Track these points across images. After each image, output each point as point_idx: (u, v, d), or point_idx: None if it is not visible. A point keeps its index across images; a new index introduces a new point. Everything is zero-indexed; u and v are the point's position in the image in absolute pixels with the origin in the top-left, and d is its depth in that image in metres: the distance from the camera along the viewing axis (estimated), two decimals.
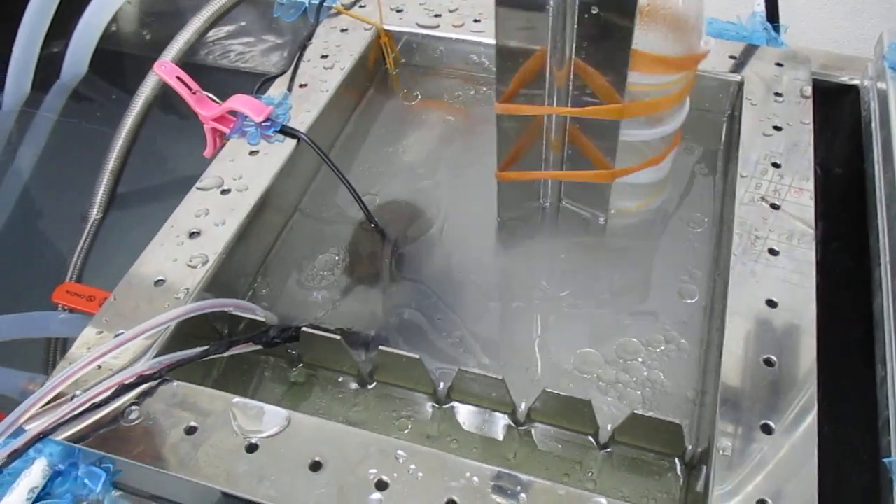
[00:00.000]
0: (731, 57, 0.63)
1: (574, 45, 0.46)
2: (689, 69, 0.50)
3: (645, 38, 0.47)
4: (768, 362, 0.42)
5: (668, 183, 0.59)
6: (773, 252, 0.48)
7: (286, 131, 0.57)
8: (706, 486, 0.38)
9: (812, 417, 0.40)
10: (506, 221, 0.58)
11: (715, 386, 0.42)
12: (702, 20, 0.49)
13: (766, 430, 0.39)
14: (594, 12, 0.44)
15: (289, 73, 0.62)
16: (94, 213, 0.65)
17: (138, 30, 0.84)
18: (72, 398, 0.40)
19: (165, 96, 0.67)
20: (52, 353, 0.56)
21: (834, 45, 0.93)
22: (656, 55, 0.47)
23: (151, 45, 0.80)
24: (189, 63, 0.69)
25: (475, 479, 0.38)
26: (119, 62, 0.83)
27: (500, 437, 0.45)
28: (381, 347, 0.45)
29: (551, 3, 0.45)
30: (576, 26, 0.45)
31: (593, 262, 0.55)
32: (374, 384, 0.48)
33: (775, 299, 0.45)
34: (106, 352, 0.41)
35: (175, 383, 0.42)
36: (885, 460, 0.39)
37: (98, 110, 0.79)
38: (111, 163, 0.65)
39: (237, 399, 0.41)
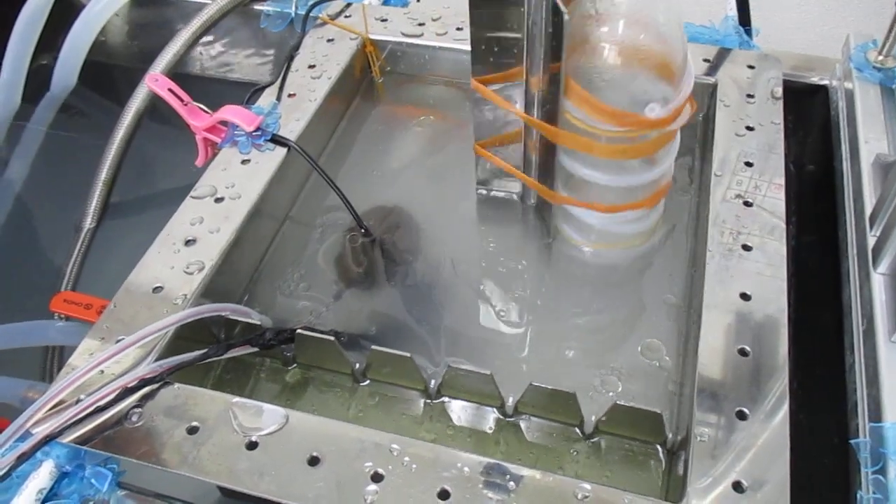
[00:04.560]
0: (706, 60, 0.65)
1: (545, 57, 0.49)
2: (624, 126, 0.47)
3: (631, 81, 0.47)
4: (742, 352, 0.44)
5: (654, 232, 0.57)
6: (746, 247, 0.50)
7: (276, 140, 0.58)
8: (685, 471, 0.40)
9: (785, 403, 0.42)
10: (485, 205, 0.60)
11: (693, 376, 0.44)
12: (685, 69, 0.47)
13: (741, 416, 0.41)
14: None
15: (277, 84, 0.64)
16: (88, 222, 0.66)
17: (127, 41, 0.85)
18: (76, 402, 0.42)
19: (156, 107, 0.69)
20: (49, 361, 0.57)
21: (808, 45, 0.96)
22: (597, 103, 0.46)
23: (140, 56, 0.81)
24: (178, 73, 0.70)
25: (466, 469, 0.40)
26: (108, 73, 0.84)
27: (490, 430, 0.47)
28: (373, 347, 0.47)
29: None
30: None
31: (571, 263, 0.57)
32: (368, 382, 0.49)
33: (749, 292, 0.47)
34: (108, 357, 0.42)
35: (176, 385, 0.44)
36: (853, 442, 0.42)
37: (88, 121, 0.80)
38: (104, 173, 0.67)
39: (237, 399, 0.43)
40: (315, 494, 0.39)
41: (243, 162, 0.57)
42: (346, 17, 0.72)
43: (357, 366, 0.49)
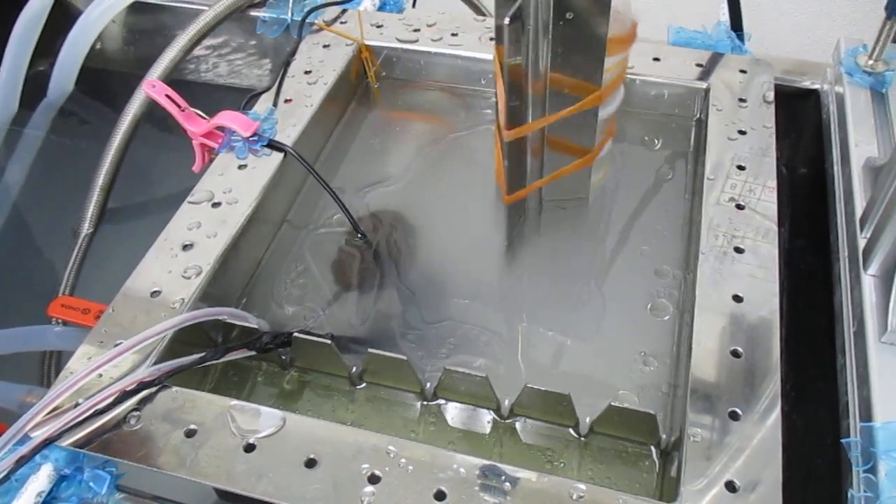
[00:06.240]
0: (698, 65, 0.66)
1: (549, 54, 0.49)
2: (626, 46, 0.54)
3: None
4: (735, 353, 0.45)
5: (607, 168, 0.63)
6: (738, 250, 0.50)
7: (273, 145, 0.59)
8: (679, 472, 0.40)
9: (777, 404, 0.42)
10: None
11: (686, 377, 0.44)
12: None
13: (735, 417, 0.42)
14: (569, 17, 0.47)
15: (274, 89, 0.64)
16: (86, 227, 0.66)
17: (124, 47, 0.86)
18: (75, 406, 0.42)
19: (153, 112, 0.69)
20: (47, 365, 0.58)
21: (800, 50, 0.97)
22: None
23: (137, 62, 0.82)
24: (175, 80, 0.71)
25: (462, 470, 0.40)
26: (105, 79, 0.85)
27: (486, 432, 0.47)
28: (369, 350, 0.47)
29: (530, 24, 0.47)
30: (550, 36, 0.48)
31: (576, 260, 0.57)
32: (364, 385, 0.50)
33: (741, 294, 0.48)
34: (106, 361, 0.43)
35: (174, 389, 0.44)
36: (844, 441, 0.42)
37: (85, 127, 0.81)
38: (101, 178, 0.67)
39: (234, 402, 0.43)
40: (312, 496, 0.39)
41: (240, 167, 0.58)
42: (341, 23, 0.72)
43: (354, 369, 0.49)
